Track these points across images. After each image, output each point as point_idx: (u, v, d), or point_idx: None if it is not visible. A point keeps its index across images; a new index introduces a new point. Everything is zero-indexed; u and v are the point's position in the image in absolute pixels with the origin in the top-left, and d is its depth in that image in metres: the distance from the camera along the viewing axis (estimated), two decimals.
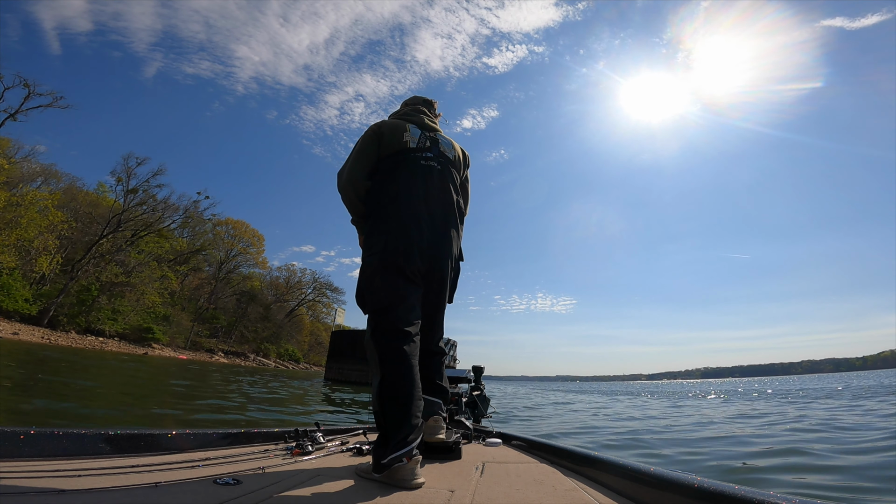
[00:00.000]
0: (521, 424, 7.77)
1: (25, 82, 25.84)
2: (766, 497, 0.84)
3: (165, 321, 39.97)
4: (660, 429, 6.67)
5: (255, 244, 54.43)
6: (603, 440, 5.63)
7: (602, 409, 10.96)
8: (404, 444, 1.36)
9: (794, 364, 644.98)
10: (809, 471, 3.48)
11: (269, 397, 9.68)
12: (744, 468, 3.66)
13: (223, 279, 50.54)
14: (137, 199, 37.00)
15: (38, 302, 29.12)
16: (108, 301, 33.92)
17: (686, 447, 4.81)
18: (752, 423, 7.00)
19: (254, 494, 1.13)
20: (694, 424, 7.10)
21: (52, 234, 28.99)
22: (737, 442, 5.01)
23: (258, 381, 15.55)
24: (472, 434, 2.45)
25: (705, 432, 6.00)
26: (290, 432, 2.10)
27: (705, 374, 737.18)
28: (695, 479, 1.02)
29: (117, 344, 32.72)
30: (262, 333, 53.16)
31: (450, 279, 1.84)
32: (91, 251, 33.46)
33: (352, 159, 1.80)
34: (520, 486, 1.35)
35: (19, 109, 26.05)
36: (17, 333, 23.60)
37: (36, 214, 26.83)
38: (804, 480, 3.21)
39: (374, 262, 1.65)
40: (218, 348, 46.01)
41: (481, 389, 3.32)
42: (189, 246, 46.77)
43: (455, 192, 1.86)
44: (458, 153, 1.96)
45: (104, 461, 1.35)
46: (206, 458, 1.53)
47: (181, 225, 44.83)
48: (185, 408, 6.30)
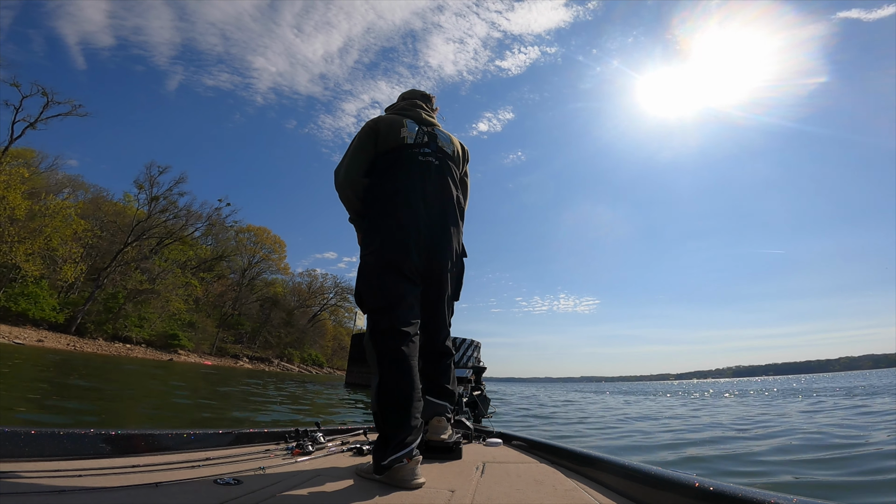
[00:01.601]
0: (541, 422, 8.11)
1: (43, 90, 26.18)
2: (766, 497, 0.84)
3: (191, 328, 40.38)
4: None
5: (277, 250, 54.94)
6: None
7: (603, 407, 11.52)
8: (403, 446, 1.35)
9: (831, 361, 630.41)
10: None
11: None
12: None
13: (247, 285, 50.98)
14: (160, 207, 37.43)
15: (66, 310, 29.51)
16: (134, 308, 34.32)
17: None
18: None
19: (254, 494, 1.13)
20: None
21: (76, 242, 29.36)
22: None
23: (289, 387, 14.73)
24: (472, 434, 2.42)
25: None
26: (291, 432, 2.09)
27: (737, 373, 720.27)
28: (695, 479, 1.02)
29: (143, 350, 32.98)
30: (286, 339, 53.43)
31: (452, 276, 1.82)
32: (116, 259, 33.89)
33: (348, 156, 1.77)
34: (520, 486, 1.35)
35: (39, 118, 26.38)
36: (42, 341, 23.72)
37: (60, 223, 27.15)
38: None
39: (371, 261, 1.64)
40: (243, 354, 46.37)
41: (481, 389, 3.30)
42: (213, 253, 47.38)
43: (454, 188, 1.82)
44: (457, 148, 1.92)
45: (104, 461, 1.36)
46: (207, 458, 1.52)
47: (204, 233, 45.61)
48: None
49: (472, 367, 3.34)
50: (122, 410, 5.56)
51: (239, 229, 50.07)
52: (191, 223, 41.69)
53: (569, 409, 10.91)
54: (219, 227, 46.29)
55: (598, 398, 18.29)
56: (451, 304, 1.92)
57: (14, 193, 23.19)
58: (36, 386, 6.48)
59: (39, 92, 25.95)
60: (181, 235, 40.49)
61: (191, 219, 41.44)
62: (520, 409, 11.83)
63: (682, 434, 5.59)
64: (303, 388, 16.03)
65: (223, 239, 50.03)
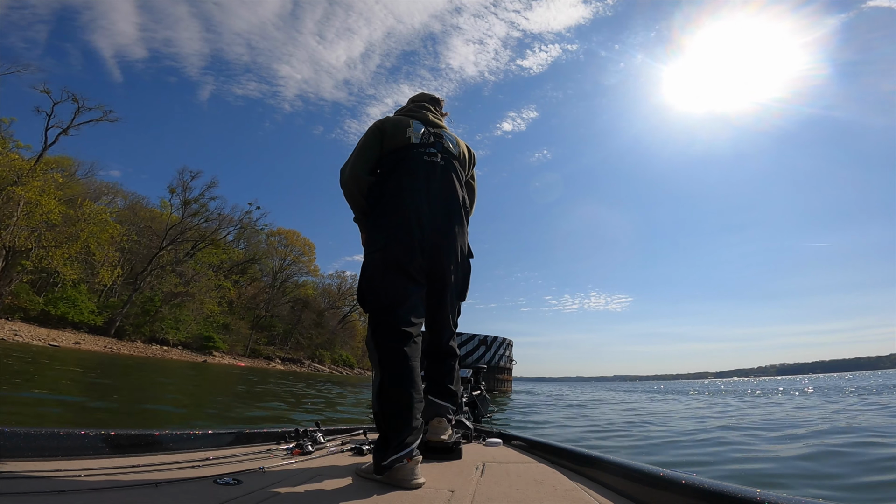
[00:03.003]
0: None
1: (74, 97, 26.93)
2: (766, 497, 0.85)
3: (225, 330, 41.06)
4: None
5: (307, 252, 55.55)
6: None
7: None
8: (404, 447, 1.36)
9: (882, 358, 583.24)
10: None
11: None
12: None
13: (279, 288, 51.67)
14: (192, 211, 38.21)
15: (105, 313, 30.34)
16: (170, 311, 35.10)
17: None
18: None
19: (254, 494, 1.13)
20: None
21: (112, 246, 30.14)
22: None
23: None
24: (472, 434, 2.39)
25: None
26: (291, 432, 2.10)
27: (781, 371, 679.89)
28: (695, 479, 1.02)
29: (179, 352, 33.61)
30: (317, 340, 53.80)
31: (457, 277, 1.81)
32: (151, 262, 34.75)
33: (354, 155, 1.78)
34: (520, 486, 1.35)
35: (71, 125, 27.14)
36: (79, 343, 24.27)
37: (95, 227, 27.86)
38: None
39: (374, 261, 1.63)
40: (275, 355, 46.82)
41: (481, 389, 3.24)
42: (244, 256, 48.32)
43: (459, 188, 1.81)
44: (463, 150, 1.91)
45: (104, 461, 1.36)
46: (206, 458, 1.52)
47: (237, 236, 46.56)
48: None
49: (472, 367, 3.34)
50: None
51: (269, 232, 51.06)
52: (223, 227, 42.60)
53: (665, 418, 8.97)
54: (250, 230, 47.37)
55: (675, 398, 16.34)
56: (457, 304, 1.90)
57: (48, 198, 23.87)
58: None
59: (70, 98, 26.72)
60: (214, 239, 41.31)
61: (223, 223, 42.37)
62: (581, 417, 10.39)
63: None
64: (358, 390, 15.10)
65: (254, 242, 51.15)
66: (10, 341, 18.66)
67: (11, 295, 24.73)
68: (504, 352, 26.50)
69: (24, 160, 24.94)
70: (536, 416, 9.25)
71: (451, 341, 1.87)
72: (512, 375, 27.56)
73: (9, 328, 21.42)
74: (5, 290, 24.08)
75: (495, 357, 25.46)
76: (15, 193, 22.45)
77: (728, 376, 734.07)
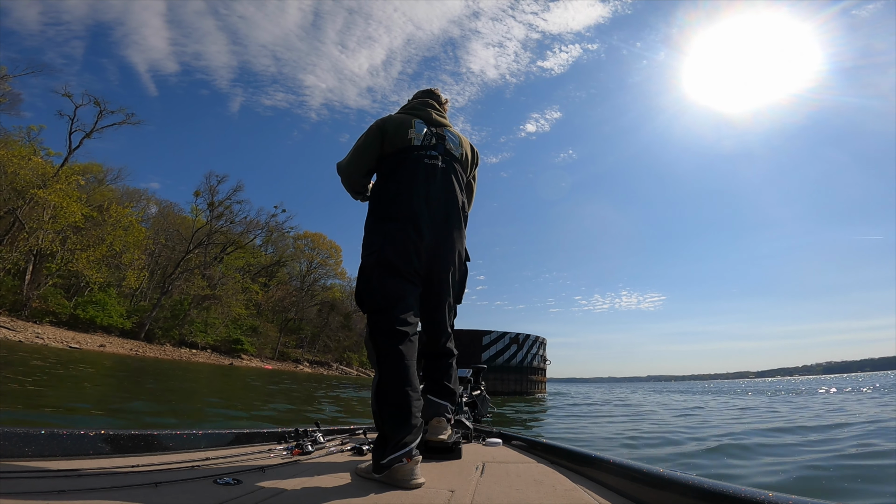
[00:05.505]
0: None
1: (96, 100, 27.24)
2: (766, 497, 0.85)
3: (254, 333, 41.04)
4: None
5: (334, 255, 55.60)
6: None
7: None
8: (402, 446, 1.36)
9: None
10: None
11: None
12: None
13: (306, 291, 51.66)
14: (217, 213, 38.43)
15: (134, 316, 30.54)
16: (199, 314, 35.19)
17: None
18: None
19: (254, 494, 1.13)
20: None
21: (139, 250, 30.36)
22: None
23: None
24: (472, 434, 2.38)
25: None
26: (291, 432, 2.10)
27: (827, 370, 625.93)
28: (695, 479, 1.02)
29: (207, 355, 33.57)
30: (344, 342, 53.43)
31: (454, 280, 1.82)
32: (179, 266, 34.99)
33: (351, 155, 1.80)
34: (520, 486, 1.35)
35: (94, 128, 27.45)
36: (104, 346, 24.21)
37: (121, 231, 28.04)
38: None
39: (371, 263, 1.64)
40: (303, 358, 46.59)
41: (481, 389, 3.23)
42: (271, 259, 48.56)
43: (459, 192, 1.82)
44: (466, 150, 1.91)
45: (104, 461, 1.36)
46: (206, 458, 1.52)
47: (264, 240, 46.80)
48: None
49: (471, 367, 3.20)
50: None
51: (296, 236, 51.32)
52: (251, 231, 42.85)
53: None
54: (277, 234, 47.50)
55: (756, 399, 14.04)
56: (453, 307, 1.92)
57: (70, 202, 24.00)
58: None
59: (92, 101, 27.00)
60: (242, 243, 41.48)
61: (250, 227, 42.61)
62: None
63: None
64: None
65: (282, 246, 51.60)
66: (28, 343, 18.51)
67: (40, 299, 25.11)
68: (537, 351, 24.39)
69: (51, 165, 25.34)
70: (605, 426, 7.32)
71: (449, 343, 1.88)
72: (546, 376, 25.36)
73: (31, 331, 21.54)
74: (33, 294, 24.42)
75: (528, 356, 23.37)
76: (40, 197, 22.68)
77: (770, 375, 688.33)
